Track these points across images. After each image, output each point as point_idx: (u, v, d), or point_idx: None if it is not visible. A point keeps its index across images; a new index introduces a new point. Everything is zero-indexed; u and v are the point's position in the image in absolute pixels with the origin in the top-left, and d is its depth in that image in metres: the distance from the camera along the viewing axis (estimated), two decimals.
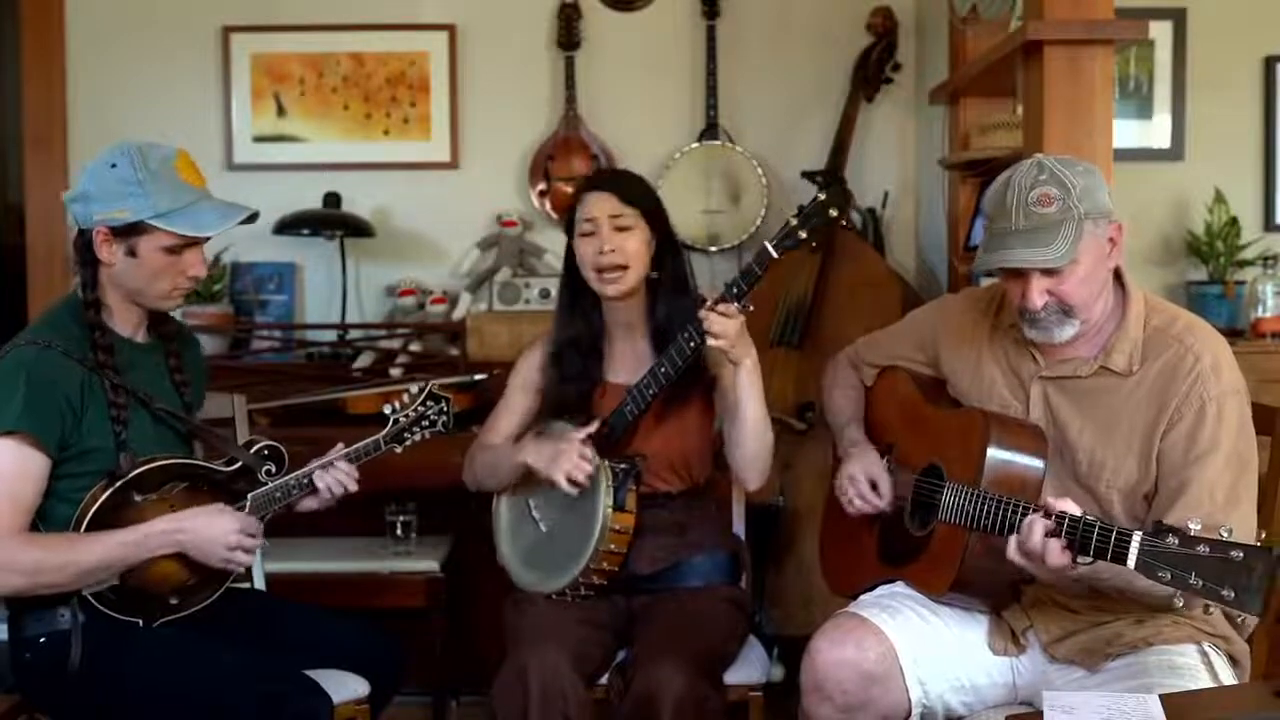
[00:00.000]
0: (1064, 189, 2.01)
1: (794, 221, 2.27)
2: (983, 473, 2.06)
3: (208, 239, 2.24)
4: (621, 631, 2.47)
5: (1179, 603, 1.75)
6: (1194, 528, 1.71)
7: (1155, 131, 3.94)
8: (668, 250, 2.54)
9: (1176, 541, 1.71)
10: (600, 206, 2.48)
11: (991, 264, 2.06)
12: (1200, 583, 1.67)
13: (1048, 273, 2.02)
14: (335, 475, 2.33)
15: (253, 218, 2.27)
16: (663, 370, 2.41)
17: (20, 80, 4.05)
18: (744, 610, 2.57)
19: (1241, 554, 1.65)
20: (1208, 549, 1.68)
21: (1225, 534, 1.69)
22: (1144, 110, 3.94)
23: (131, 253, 2.19)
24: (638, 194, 2.51)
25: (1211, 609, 1.73)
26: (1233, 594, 1.66)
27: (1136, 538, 1.75)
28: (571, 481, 2.37)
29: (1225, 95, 3.93)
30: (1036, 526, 1.87)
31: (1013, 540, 1.92)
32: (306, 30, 4.01)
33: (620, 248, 2.45)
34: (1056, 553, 1.86)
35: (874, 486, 2.34)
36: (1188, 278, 3.93)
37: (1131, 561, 1.75)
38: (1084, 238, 2.00)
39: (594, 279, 2.49)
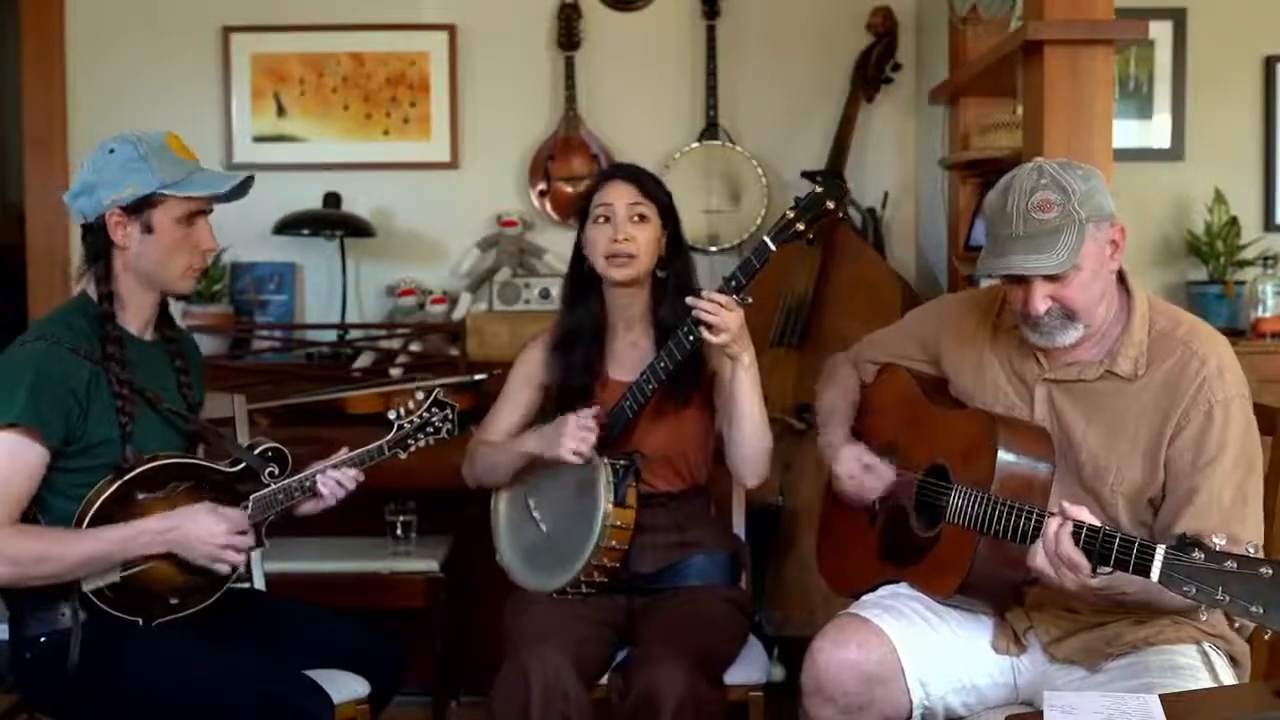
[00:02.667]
0: (1064, 194, 2.00)
1: (791, 214, 2.30)
2: (992, 476, 2.05)
3: (211, 210, 2.29)
4: (622, 631, 2.47)
5: (1204, 616, 1.74)
6: (1219, 542, 1.68)
7: (1155, 131, 3.94)
8: (676, 251, 2.56)
9: (1202, 556, 1.68)
10: (619, 194, 2.50)
11: (993, 270, 2.06)
12: (1228, 598, 1.65)
13: (1050, 278, 2.02)
14: (336, 477, 2.33)
15: (249, 180, 2.30)
16: (662, 365, 2.42)
17: (20, 80, 4.06)
18: (744, 610, 2.57)
19: (1271, 570, 1.63)
20: (1235, 565, 1.65)
21: (1251, 550, 1.68)
22: (1144, 110, 3.94)
23: (148, 229, 2.22)
24: (655, 189, 2.55)
25: (1238, 624, 1.72)
26: (1262, 610, 1.63)
27: (1160, 551, 1.72)
28: (577, 454, 2.38)
29: (1225, 95, 3.93)
30: (1065, 534, 1.86)
31: (1038, 548, 1.90)
32: (306, 30, 4.01)
33: (634, 237, 2.48)
34: (1079, 561, 1.85)
35: (869, 470, 2.33)
36: (1188, 278, 3.93)
37: (1155, 574, 1.73)
38: (1085, 243, 2.00)
39: (603, 264, 2.50)
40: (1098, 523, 1.85)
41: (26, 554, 2.10)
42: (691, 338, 2.36)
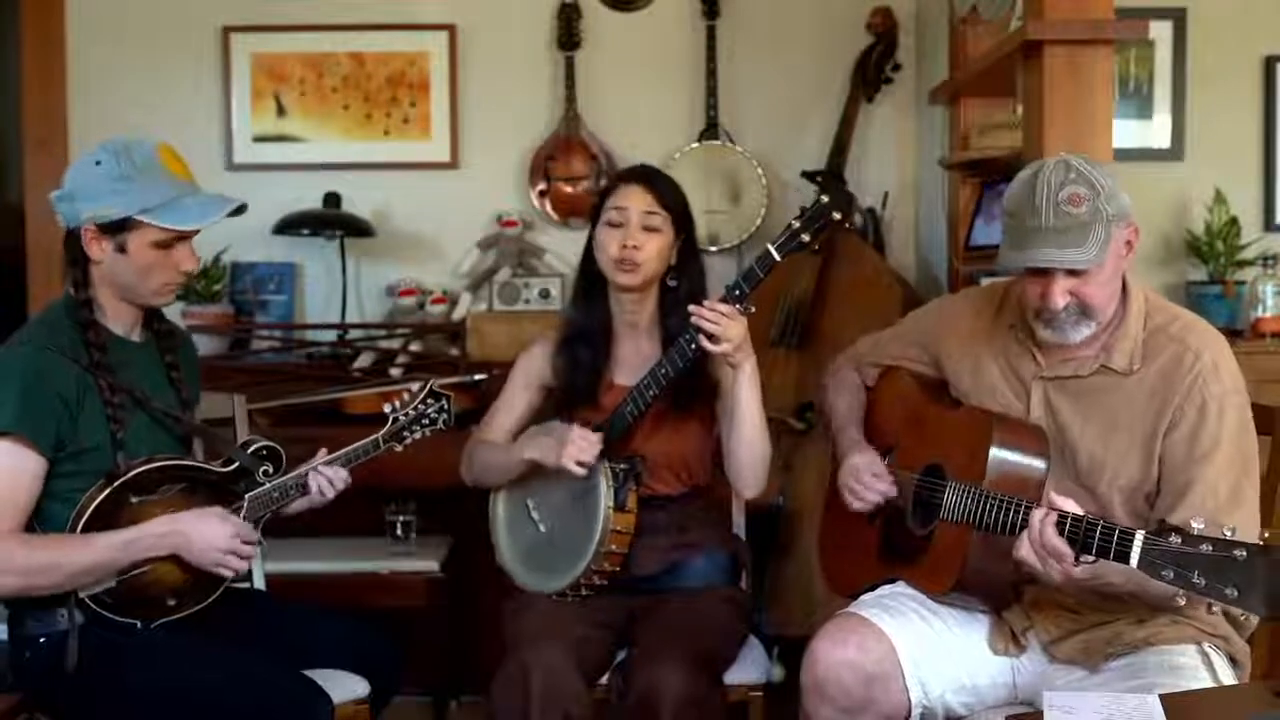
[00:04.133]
0: (1093, 190, 2.00)
1: (796, 224, 2.27)
2: (986, 473, 2.06)
3: (197, 232, 2.23)
4: (622, 631, 2.47)
5: (1181, 601, 1.75)
6: (1197, 527, 1.71)
7: (1155, 131, 3.94)
8: (689, 258, 2.55)
9: (1180, 540, 1.70)
10: (635, 199, 2.48)
11: (1021, 262, 2.04)
12: (1203, 581, 1.67)
13: (1072, 273, 2.01)
14: (328, 475, 2.33)
15: (240, 209, 2.26)
16: (663, 371, 2.40)
17: (20, 81, 4.05)
18: (744, 610, 2.57)
19: (1245, 553, 1.65)
20: (1211, 548, 1.67)
21: (1228, 533, 1.69)
22: (1144, 110, 3.93)
23: (121, 249, 2.19)
24: (673, 199, 2.52)
25: (1215, 608, 1.73)
26: (1236, 593, 1.65)
27: (1139, 536, 1.75)
28: (580, 464, 2.37)
29: (1225, 95, 3.93)
30: (1049, 524, 1.86)
31: (1023, 539, 1.91)
32: (306, 30, 4.01)
33: (643, 246, 2.46)
34: (1063, 551, 1.85)
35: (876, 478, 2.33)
36: (1188, 278, 3.92)
37: (1134, 560, 1.75)
38: (1112, 240, 2.00)
39: (610, 266, 2.48)
40: (1082, 512, 1.86)
41: (34, 564, 2.10)
42: (693, 346, 2.34)
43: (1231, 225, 3.80)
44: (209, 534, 2.19)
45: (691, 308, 2.30)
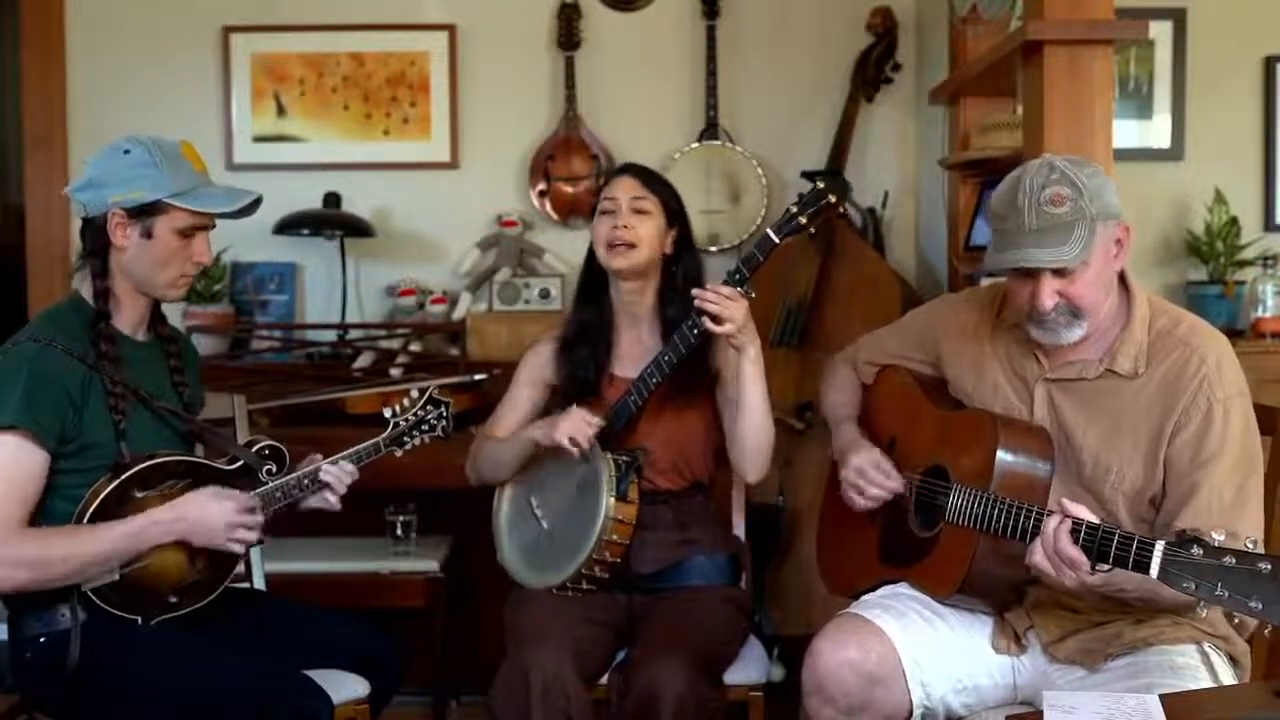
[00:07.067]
0: (1076, 189, 2.00)
1: (794, 208, 2.35)
2: (991, 476, 2.06)
3: (214, 225, 2.30)
4: (622, 631, 2.48)
5: (1203, 612, 1.74)
6: (1218, 538, 1.69)
7: (1155, 131, 3.94)
8: (684, 248, 2.58)
9: (1201, 552, 1.69)
10: (623, 188, 2.55)
11: (1004, 264, 2.05)
12: (1227, 594, 1.66)
13: (1058, 273, 2.02)
14: (335, 472, 2.34)
15: (258, 202, 2.31)
16: (666, 358, 2.43)
17: (20, 80, 4.06)
18: (744, 610, 2.58)
19: (1269, 565, 1.64)
20: (1234, 560, 1.66)
21: (1250, 545, 1.68)
22: (1144, 110, 3.94)
23: (147, 234, 2.22)
24: (661, 186, 2.59)
25: (1236, 619, 1.72)
26: (1260, 605, 1.64)
27: (1159, 547, 1.73)
28: (573, 442, 2.39)
29: (1225, 95, 3.93)
30: (1064, 532, 1.86)
31: (1037, 546, 1.91)
32: (306, 30, 4.01)
33: (634, 227, 2.50)
34: (1078, 559, 1.85)
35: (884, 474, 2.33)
36: (1188, 278, 3.93)
37: (1154, 571, 1.73)
38: (1095, 238, 2.00)
39: (604, 253, 2.52)
40: (1096, 520, 1.86)
41: (47, 556, 2.10)
42: (696, 330, 2.38)
43: (1231, 225, 3.81)
44: (211, 514, 2.20)
45: (694, 290, 2.35)
